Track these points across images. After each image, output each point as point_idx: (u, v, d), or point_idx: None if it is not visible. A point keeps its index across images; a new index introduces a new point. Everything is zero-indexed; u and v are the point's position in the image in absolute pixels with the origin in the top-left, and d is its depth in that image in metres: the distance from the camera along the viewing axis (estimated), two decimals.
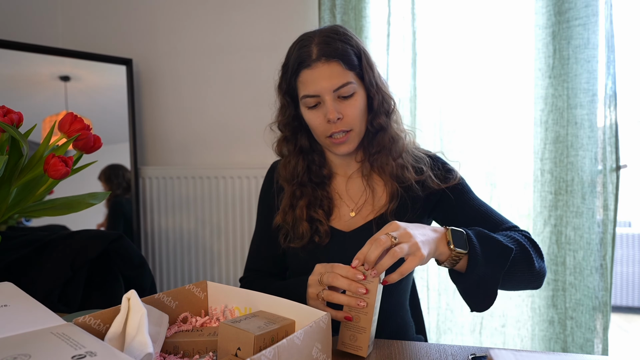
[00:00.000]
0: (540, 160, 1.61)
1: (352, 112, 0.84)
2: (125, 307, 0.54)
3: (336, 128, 0.85)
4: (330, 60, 0.82)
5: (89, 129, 0.67)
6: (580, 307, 1.56)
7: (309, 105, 0.86)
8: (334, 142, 0.87)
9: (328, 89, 0.82)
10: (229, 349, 0.55)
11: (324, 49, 0.82)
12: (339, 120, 0.84)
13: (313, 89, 0.83)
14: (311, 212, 0.91)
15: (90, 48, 2.03)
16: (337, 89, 0.82)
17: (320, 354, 0.54)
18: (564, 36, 1.54)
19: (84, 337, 0.45)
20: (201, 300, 0.72)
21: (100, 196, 0.72)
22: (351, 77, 0.84)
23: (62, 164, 0.61)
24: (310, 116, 0.87)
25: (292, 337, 0.49)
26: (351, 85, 0.83)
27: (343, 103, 0.84)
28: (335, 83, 0.82)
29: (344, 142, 0.86)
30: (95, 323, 0.55)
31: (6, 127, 0.58)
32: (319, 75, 0.82)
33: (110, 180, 1.96)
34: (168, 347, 0.60)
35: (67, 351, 0.42)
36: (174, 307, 0.67)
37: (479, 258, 0.70)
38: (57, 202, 0.70)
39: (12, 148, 0.63)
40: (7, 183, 0.63)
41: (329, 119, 0.83)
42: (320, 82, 0.82)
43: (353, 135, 0.87)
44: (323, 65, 0.82)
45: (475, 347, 0.71)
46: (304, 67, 0.84)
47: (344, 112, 0.84)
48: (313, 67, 0.83)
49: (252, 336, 0.53)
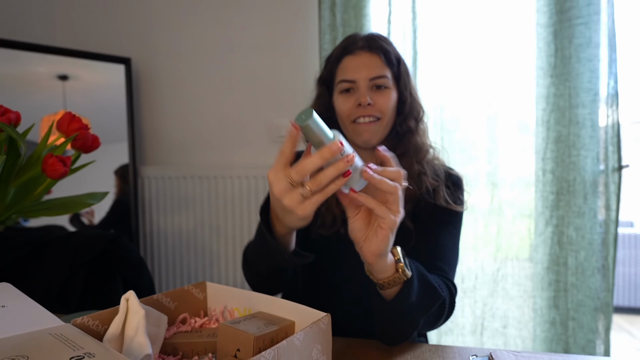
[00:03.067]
0: (542, 160, 1.60)
1: (383, 102, 0.88)
2: (124, 307, 0.54)
3: (365, 112, 0.87)
4: (373, 52, 0.88)
5: (87, 129, 0.66)
6: (582, 307, 1.55)
7: (342, 89, 0.90)
8: (360, 127, 0.88)
9: (365, 76, 0.87)
10: (228, 350, 0.55)
11: (370, 41, 0.90)
12: (369, 106, 0.87)
13: (351, 74, 0.88)
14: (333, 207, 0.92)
15: (88, 47, 2.02)
16: (373, 78, 0.87)
17: (321, 355, 0.54)
18: (565, 35, 1.53)
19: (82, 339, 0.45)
20: (200, 301, 0.71)
21: (98, 196, 0.71)
22: (388, 73, 0.89)
23: (60, 164, 0.60)
24: (341, 100, 0.90)
25: (292, 339, 0.48)
26: (386, 79, 0.88)
27: (376, 92, 0.88)
28: (373, 72, 0.87)
29: (369, 129, 0.88)
30: (94, 324, 0.54)
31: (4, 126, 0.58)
32: (360, 62, 0.88)
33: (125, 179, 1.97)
34: (167, 348, 0.59)
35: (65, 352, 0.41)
36: (172, 308, 0.67)
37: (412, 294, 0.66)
38: (56, 202, 0.69)
39: (9, 148, 0.62)
40: (5, 183, 0.62)
41: (361, 102, 0.86)
42: (360, 69, 0.88)
43: (379, 125, 0.89)
44: (365, 54, 0.89)
45: (476, 348, 0.70)
46: (347, 53, 0.90)
47: (376, 100, 0.87)
48: (356, 54, 0.89)
49: (251, 337, 0.52)
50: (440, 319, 0.78)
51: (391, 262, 0.65)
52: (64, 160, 0.61)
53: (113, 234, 0.96)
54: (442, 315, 0.77)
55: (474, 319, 1.72)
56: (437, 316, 0.76)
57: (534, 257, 1.64)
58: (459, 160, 1.69)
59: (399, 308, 0.67)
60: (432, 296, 0.71)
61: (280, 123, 1.96)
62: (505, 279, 1.69)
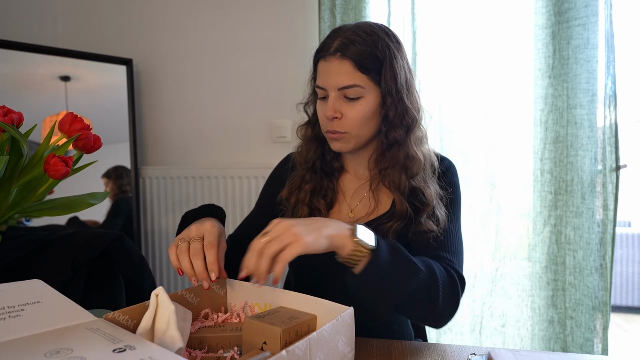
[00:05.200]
0: (540, 160, 1.61)
1: (352, 116, 0.82)
2: (154, 303, 0.55)
3: (331, 126, 0.83)
4: (344, 58, 0.80)
5: (89, 129, 0.67)
6: (580, 306, 1.56)
7: (319, 95, 0.86)
8: (329, 136, 0.86)
9: (334, 86, 0.81)
10: (255, 344, 0.57)
11: (344, 45, 0.80)
12: (335, 119, 0.82)
13: (322, 81, 0.83)
14: (313, 199, 0.90)
15: (90, 48, 2.03)
16: (342, 87, 0.81)
17: (345, 347, 0.56)
18: (563, 36, 1.54)
19: (119, 332, 0.47)
20: (221, 297, 0.74)
21: (100, 196, 0.72)
22: (362, 80, 0.80)
23: (62, 164, 0.61)
24: (318, 107, 0.87)
25: (321, 331, 0.51)
26: (357, 89, 0.80)
27: (347, 104, 0.82)
28: (341, 81, 0.80)
29: (338, 139, 0.85)
30: (124, 319, 0.57)
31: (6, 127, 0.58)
32: (329, 69, 0.82)
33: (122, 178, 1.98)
34: (193, 342, 0.62)
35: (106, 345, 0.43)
36: (195, 303, 0.69)
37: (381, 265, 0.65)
38: (57, 202, 0.70)
39: (12, 148, 0.63)
40: (8, 183, 0.63)
41: (326, 115, 0.83)
42: (329, 77, 0.82)
43: (348, 137, 0.84)
44: (335, 60, 0.80)
45: (475, 347, 0.71)
46: (320, 57, 0.84)
47: (344, 113, 0.82)
48: (327, 59, 0.82)
49: (278, 330, 0.54)
50: (435, 303, 0.70)
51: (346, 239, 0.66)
52: (66, 161, 0.62)
53: (115, 234, 0.97)
54: (436, 291, 0.70)
55: (473, 318, 1.73)
56: (428, 299, 0.70)
57: (532, 256, 1.65)
58: (458, 160, 1.70)
59: (368, 278, 0.66)
60: (407, 267, 0.68)
61: (281, 123, 1.96)
62: (504, 278, 1.69)
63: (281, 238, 0.61)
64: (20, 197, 0.66)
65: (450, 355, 0.68)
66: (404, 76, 0.84)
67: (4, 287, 0.56)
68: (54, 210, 0.68)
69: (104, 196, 0.73)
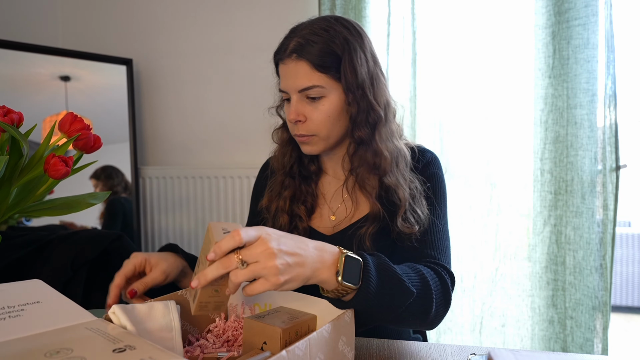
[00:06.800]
0: (540, 160, 1.61)
1: (316, 117, 0.79)
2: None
3: (297, 130, 0.81)
4: (300, 59, 0.77)
5: (89, 129, 0.67)
6: (580, 306, 1.56)
7: (284, 97, 0.84)
8: (298, 140, 0.84)
9: (294, 88, 0.79)
10: (255, 344, 0.57)
11: (299, 45, 0.77)
12: (299, 122, 0.80)
13: (283, 84, 0.81)
14: (293, 205, 0.88)
15: (90, 48, 2.03)
16: (302, 89, 0.78)
17: (345, 347, 0.56)
18: (563, 36, 1.54)
19: (119, 332, 0.47)
20: None
21: (100, 196, 0.72)
22: (321, 79, 0.77)
23: (63, 164, 0.61)
24: (285, 110, 0.85)
25: (322, 331, 0.51)
26: (317, 89, 0.77)
27: (309, 105, 0.79)
28: (299, 84, 0.78)
29: (307, 142, 0.82)
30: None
31: (6, 127, 0.58)
32: (287, 72, 0.79)
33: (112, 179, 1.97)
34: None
35: (106, 345, 0.43)
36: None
37: (370, 297, 0.58)
38: (57, 202, 0.70)
39: (12, 148, 0.63)
40: (8, 183, 0.63)
41: (289, 119, 0.81)
42: (287, 80, 0.79)
43: (316, 140, 0.81)
44: (292, 62, 0.78)
45: (475, 346, 0.71)
46: (278, 59, 0.82)
47: (308, 115, 0.79)
48: (285, 62, 0.79)
49: (278, 330, 0.55)
50: (428, 308, 0.67)
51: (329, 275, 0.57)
52: (66, 161, 0.62)
53: (115, 234, 0.97)
54: (429, 305, 0.67)
55: (473, 318, 1.73)
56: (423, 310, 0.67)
57: (532, 256, 1.65)
58: (458, 160, 1.70)
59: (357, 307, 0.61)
60: (399, 292, 0.62)
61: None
62: (504, 278, 1.69)
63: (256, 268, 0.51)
64: (20, 197, 0.66)
65: (450, 355, 0.68)
66: (366, 70, 0.80)
67: (4, 287, 0.56)
68: (54, 210, 0.68)
69: (104, 196, 0.73)
